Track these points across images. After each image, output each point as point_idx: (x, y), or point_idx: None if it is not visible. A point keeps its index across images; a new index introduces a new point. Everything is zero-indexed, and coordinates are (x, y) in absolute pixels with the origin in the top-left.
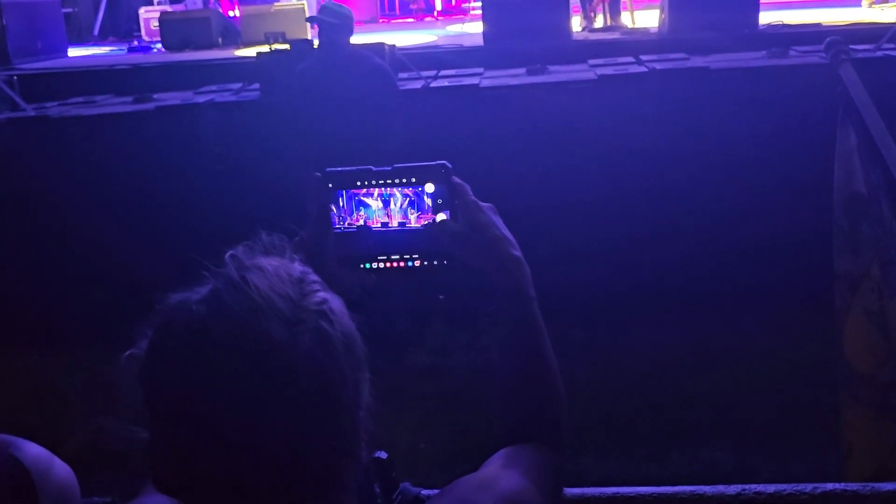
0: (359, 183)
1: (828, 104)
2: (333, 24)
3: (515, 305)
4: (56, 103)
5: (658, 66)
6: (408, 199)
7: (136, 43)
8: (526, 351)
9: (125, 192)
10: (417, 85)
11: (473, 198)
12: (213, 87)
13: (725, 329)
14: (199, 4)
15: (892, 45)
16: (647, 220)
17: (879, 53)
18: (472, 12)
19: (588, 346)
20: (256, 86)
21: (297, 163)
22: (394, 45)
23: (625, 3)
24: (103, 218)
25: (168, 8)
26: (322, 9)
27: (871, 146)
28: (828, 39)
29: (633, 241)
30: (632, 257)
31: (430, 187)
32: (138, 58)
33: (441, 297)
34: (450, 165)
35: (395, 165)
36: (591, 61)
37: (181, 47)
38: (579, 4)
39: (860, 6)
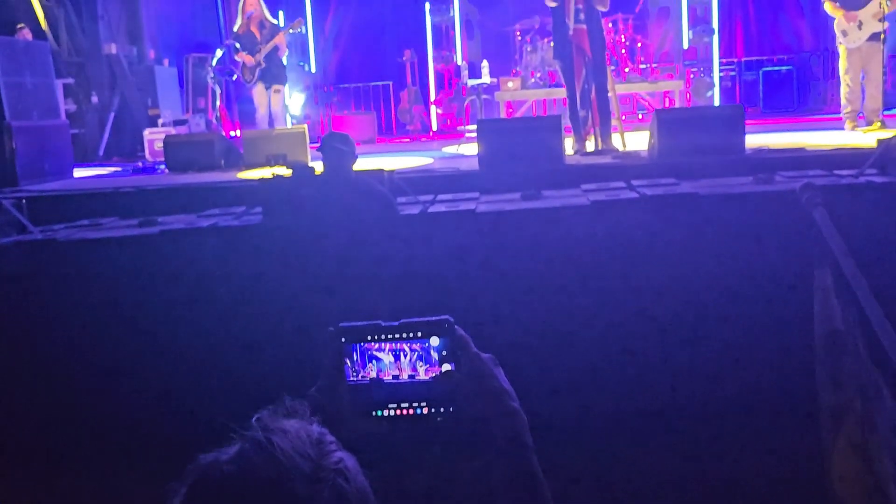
0: (370, 337)
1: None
2: (342, 151)
3: (513, 454)
4: (63, 226)
5: (649, 191)
6: (416, 353)
7: (140, 164)
8: (522, 499)
9: (131, 315)
10: (415, 210)
11: (475, 350)
12: (216, 211)
13: (713, 455)
14: (203, 127)
15: (873, 171)
16: (640, 346)
17: (862, 180)
18: (467, 135)
19: (583, 472)
20: (259, 209)
21: (300, 287)
22: (392, 171)
23: (615, 125)
24: (109, 343)
25: (172, 130)
26: (329, 136)
27: (846, 286)
28: (802, 184)
29: (625, 367)
30: (623, 383)
31: (434, 340)
32: (143, 180)
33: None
34: (452, 319)
35: (403, 321)
36: (584, 186)
37: (184, 169)
38: (571, 126)
39: (843, 129)
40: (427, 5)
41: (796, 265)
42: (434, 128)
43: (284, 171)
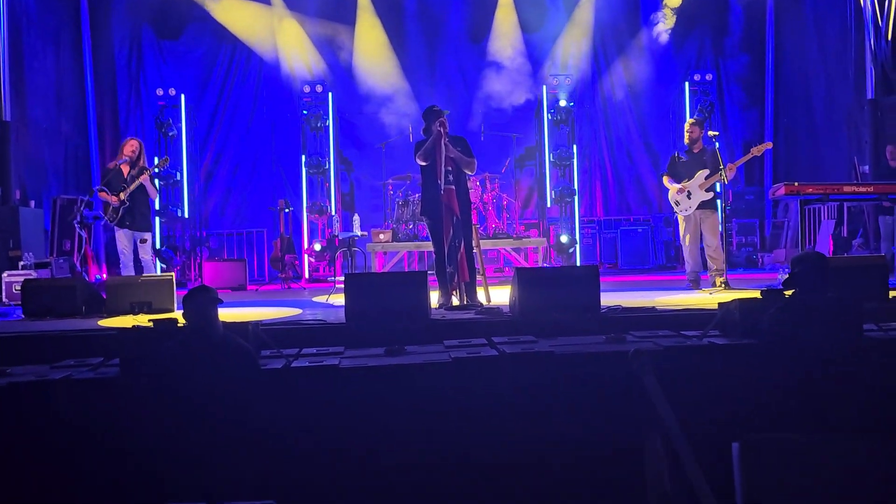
0: None
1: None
2: (206, 304)
3: None
4: None
5: (508, 349)
6: None
7: None
8: None
9: None
10: (279, 364)
11: None
12: (72, 362)
13: None
14: (66, 271)
15: (716, 332)
16: (500, 501)
17: (705, 341)
18: (337, 285)
19: None
20: (116, 361)
21: (156, 445)
22: (257, 323)
23: (480, 280)
24: None
25: (33, 273)
26: (194, 290)
27: (673, 451)
28: (632, 351)
29: None
30: None
31: None
32: None
33: None
34: None
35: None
36: (447, 342)
37: (43, 315)
38: (437, 281)
39: (690, 290)
40: (303, 157)
41: (634, 425)
42: (306, 276)
43: (145, 322)
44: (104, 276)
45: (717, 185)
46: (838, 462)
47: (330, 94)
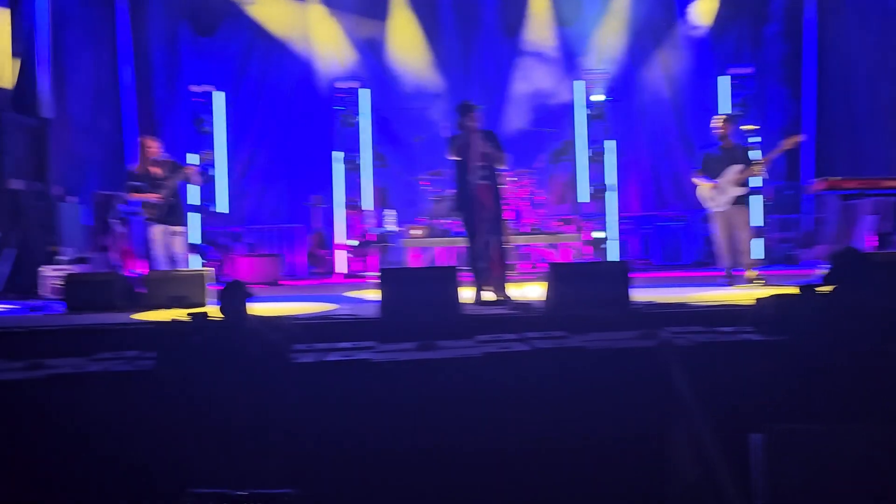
0: None
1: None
2: (240, 299)
3: None
4: None
5: (539, 344)
6: None
7: (37, 302)
8: None
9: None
10: (311, 359)
11: None
12: (108, 355)
13: None
14: (105, 266)
15: (750, 329)
16: (530, 495)
17: (739, 337)
18: (370, 281)
19: None
20: (153, 354)
21: (187, 435)
22: (291, 318)
23: (512, 276)
24: None
25: (72, 268)
26: (229, 285)
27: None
28: (659, 342)
29: None
30: None
31: None
32: (36, 319)
33: None
34: (292, 492)
35: (250, 491)
36: (479, 337)
37: (82, 308)
38: (471, 276)
39: (726, 286)
40: (338, 153)
41: (660, 418)
42: (341, 271)
43: (183, 316)
44: (141, 270)
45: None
46: (861, 451)
47: (364, 90)
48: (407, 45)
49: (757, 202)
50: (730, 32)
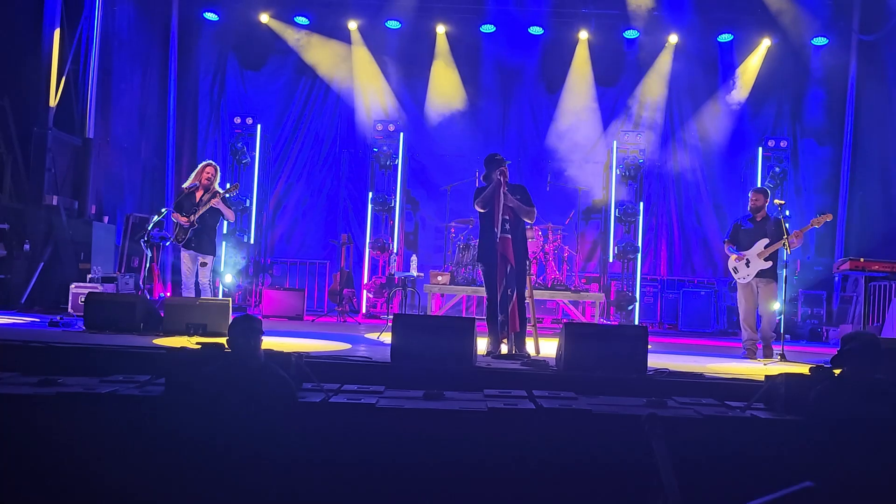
0: None
1: (695, 458)
2: (251, 333)
3: None
4: None
5: (545, 403)
6: None
7: (58, 318)
8: None
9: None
10: (317, 398)
11: None
12: (120, 377)
13: None
14: (131, 287)
15: (760, 405)
16: None
17: (748, 413)
18: (390, 323)
19: None
20: (162, 380)
21: (190, 464)
22: (301, 355)
23: (530, 330)
24: None
25: (99, 287)
26: (240, 318)
27: None
28: (646, 414)
29: None
30: None
31: None
32: (55, 335)
33: None
34: None
35: None
36: (487, 391)
37: (102, 328)
38: (488, 328)
39: (744, 359)
40: (371, 193)
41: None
42: (363, 311)
43: (194, 344)
44: (168, 295)
45: (780, 253)
46: None
47: (402, 134)
48: (447, 92)
49: (782, 276)
50: (769, 106)
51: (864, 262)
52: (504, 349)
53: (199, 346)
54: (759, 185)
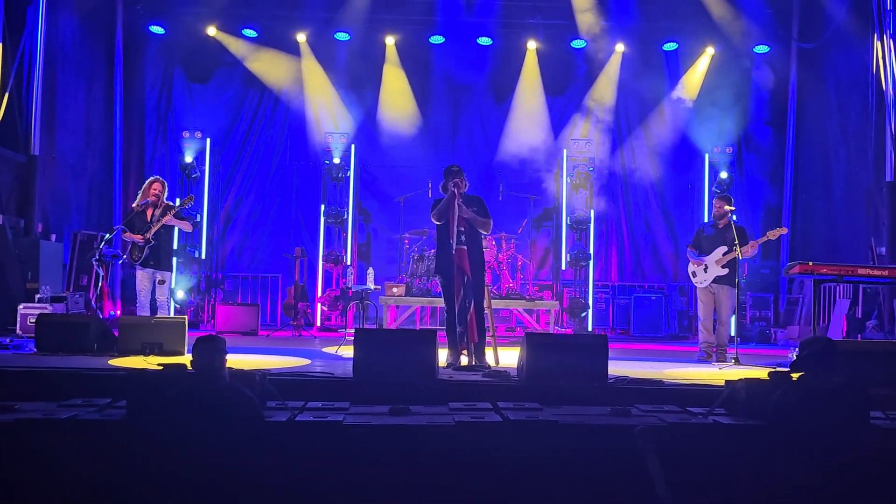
0: None
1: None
2: (214, 354)
3: None
4: None
5: (512, 415)
6: None
7: (9, 340)
8: None
9: None
10: (283, 417)
11: None
12: (79, 401)
13: None
14: (81, 307)
15: (721, 411)
16: None
17: (710, 419)
18: (347, 336)
19: None
20: (123, 403)
21: (157, 489)
22: (264, 373)
23: (489, 340)
24: None
25: (48, 307)
26: (202, 339)
27: None
28: (638, 429)
29: None
30: None
31: None
32: (6, 358)
33: None
34: None
35: None
36: (452, 404)
37: (55, 350)
38: (447, 339)
39: (701, 360)
40: (322, 206)
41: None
42: (318, 324)
43: (155, 365)
44: (118, 313)
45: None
46: None
47: (353, 145)
48: (397, 104)
49: (733, 283)
50: (714, 114)
51: (813, 265)
52: (464, 360)
53: (161, 368)
54: (707, 192)
